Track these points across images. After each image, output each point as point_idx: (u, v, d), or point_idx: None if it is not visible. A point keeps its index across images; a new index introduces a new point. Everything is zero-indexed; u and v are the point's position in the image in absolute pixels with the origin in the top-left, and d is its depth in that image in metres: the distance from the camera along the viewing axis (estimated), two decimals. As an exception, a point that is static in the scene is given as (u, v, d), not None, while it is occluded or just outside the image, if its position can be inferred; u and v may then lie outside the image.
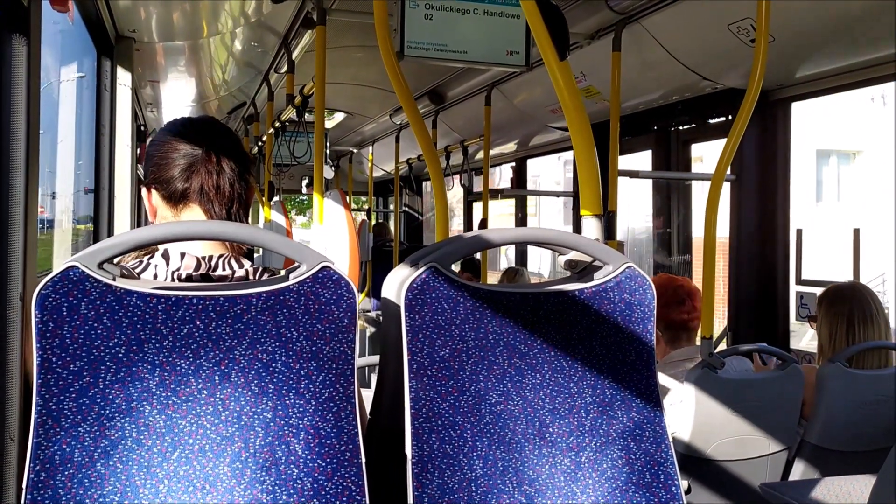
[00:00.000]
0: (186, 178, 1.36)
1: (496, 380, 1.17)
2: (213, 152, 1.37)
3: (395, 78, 2.06)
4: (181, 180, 1.36)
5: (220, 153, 1.38)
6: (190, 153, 1.37)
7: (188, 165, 1.36)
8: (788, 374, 2.38)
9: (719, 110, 3.46)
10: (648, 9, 2.83)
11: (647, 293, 1.24)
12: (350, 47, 3.96)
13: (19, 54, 1.09)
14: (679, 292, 2.68)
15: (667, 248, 4.00)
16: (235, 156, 1.40)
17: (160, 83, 4.53)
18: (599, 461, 1.20)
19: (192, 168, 1.36)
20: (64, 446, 1.00)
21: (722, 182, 2.52)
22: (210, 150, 1.37)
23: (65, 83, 3.51)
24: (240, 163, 1.41)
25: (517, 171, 5.89)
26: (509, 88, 4.17)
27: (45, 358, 0.99)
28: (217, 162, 1.37)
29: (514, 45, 2.46)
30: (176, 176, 1.36)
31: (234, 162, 1.39)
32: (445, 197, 2.17)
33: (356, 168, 7.87)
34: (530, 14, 1.37)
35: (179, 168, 1.36)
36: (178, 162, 1.36)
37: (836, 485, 2.11)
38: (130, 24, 3.15)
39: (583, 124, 1.40)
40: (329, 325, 1.08)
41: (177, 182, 1.36)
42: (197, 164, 1.36)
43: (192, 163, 1.36)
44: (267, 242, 1.11)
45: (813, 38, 2.64)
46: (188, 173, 1.36)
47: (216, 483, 1.04)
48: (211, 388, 1.05)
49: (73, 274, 1.00)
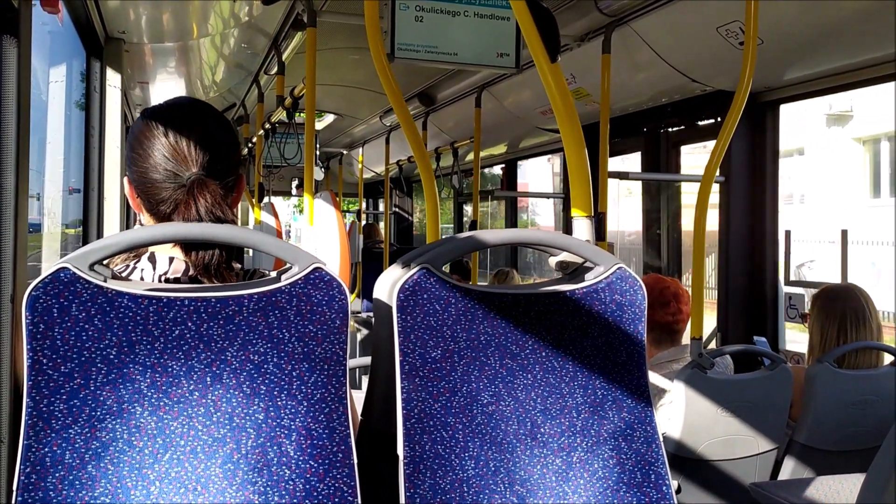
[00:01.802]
0: (172, 208, 1.26)
1: (488, 380, 1.17)
2: (194, 189, 1.24)
3: (386, 80, 2.07)
4: (166, 204, 1.27)
5: (206, 179, 1.26)
6: (173, 177, 1.25)
7: (172, 192, 1.26)
8: (777, 375, 2.40)
9: (708, 112, 3.48)
10: (638, 11, 2.85)
11: (638, 294, 1.25)
12: (340, 49, 3.96)
13: (10, 55, 1.09)
14: (665, 294, 2.69)
15: (656, 250, 4.02)
16: (224, 165, 1.30)
17: (150, 84, 4.51)
18: (591, 461, 1.21)
19: (174, 200, 1.26)
20: (55, 448, 0.99)
21: (711, 183, 2.53)
22: (194, 184, 1.25)
23: (53, 84, 3.49)
24: (228, 169, 1.30)
25: (507, 173, 5.91)
26: (499, 90, 4.18)
27: (36, 359, 0.99)
28: (196, 210, 1.24)
29: (504, 47, 2.47)
30: (161, 198, 1.27)
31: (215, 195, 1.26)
32: (436, 198, 2.18)
33: (346, 170, 7.87)
34: (521, 16, 1.38)
35: (165, 191, 1.26)
36: (163, 185, 1.26)
37: (825, 484, 2.12)
38: (120, 25, 3.14)
39: (573, 126, 1.40)
40: (321, 327, 1.08)
41: (160, 206, 1.27)
42: (182, 194, 1.25)
43: (174, 194, 1.26)
44: (259, 244, 1.10)
45: (801, 41, 2.66)
46: (172, 204, 1.26)
47: (208, 484, 1.03)
48: (203, 389, 1.05)
49: (63, 275, 1.00)
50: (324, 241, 3.06)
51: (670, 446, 2.31)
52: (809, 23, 2.52)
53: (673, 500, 1.23)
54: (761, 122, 3.29)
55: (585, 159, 1.42)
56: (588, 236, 1.40)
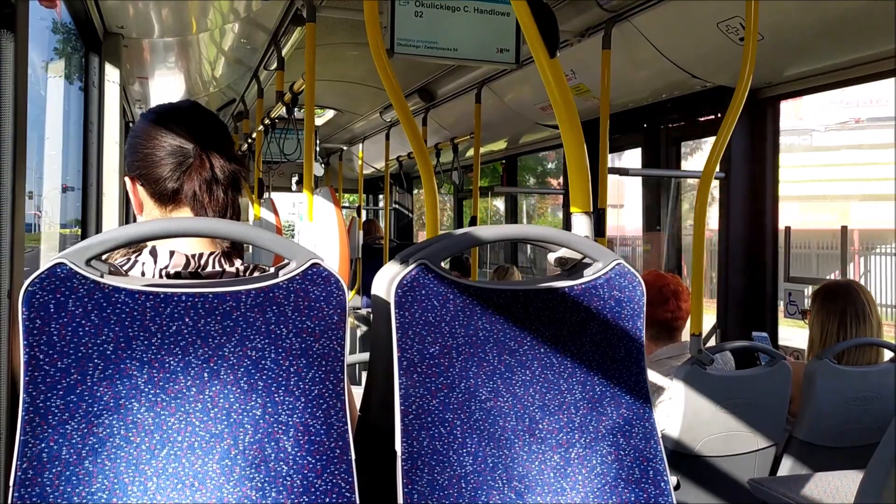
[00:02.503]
0: (177, 178, 1.30)
1: (486, 376, 1.17)
2: (203, 153, 1.31)
3: (386, 75, 2.06)
4: (172, 180, 1.30)
5: (211, 150, 1.32)
6: (178, 150, 1.30)
7: (177, 164, 1.30)
8: (777, 371, 2.39)
9: (708, 108, 3.48)
10: (638, 7, 2.84)
11: (637, 290, 1.24)
12: (340, 44, 3.95)
13: (6, 51, 1.08)
14: (664, 291, 2.69)
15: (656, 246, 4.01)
16: (225, 150, 1.35)
17: (149, 79, 4.50)
18: (589, 457, 1.20)
19: (182, 167, 1.30)
20: (51, 444, 0.99)
21: (711, 180, 2.53)
22: (201, 149, 1.31)
23: (52, 79, 3.49)
24: (230, 158, 1.35)
25: (507, 169, 5.90)
26: (499, 86, 4.17)
27: (33, 355, 0.99)
28: (210, 167, 1.31)
29: (504, 43, 2.46)
30: (165, 176, 1.30)
31: (225, 159, 1.33)
32: (436, 194, 2.17)
33: (346, 165, 7.86)
34: (521, 12, 1.37)
35: (169, 167, 1.30)
36: (167, 161, 1.30)
37: (824, 480, 2.12)
38: (118, 20, 3.13)
39: (573, 122, 1.40)
40: (319, 322, 1.08)
41: (167, 182, 1.30)
42: (188, 165, 1.30)
43: (182, 162, 1.30)
44: (257, 239, 1.10)
45: (802, 37, 2.65)
46: (179, 173, 1.30)
47: (205, 480, 1.03)
48: (200, 385, 1.05)
49: (60, 271, 1.00)
50: (323, 237, 3.06)
51: (669, 442, 2.31)
52: (810, 18, 2.51)
53: (671, 497, 1.23)
54: (762, 118, 3.29)
55: (585, 155, 1.42)
56: (587, 232, 1.40)
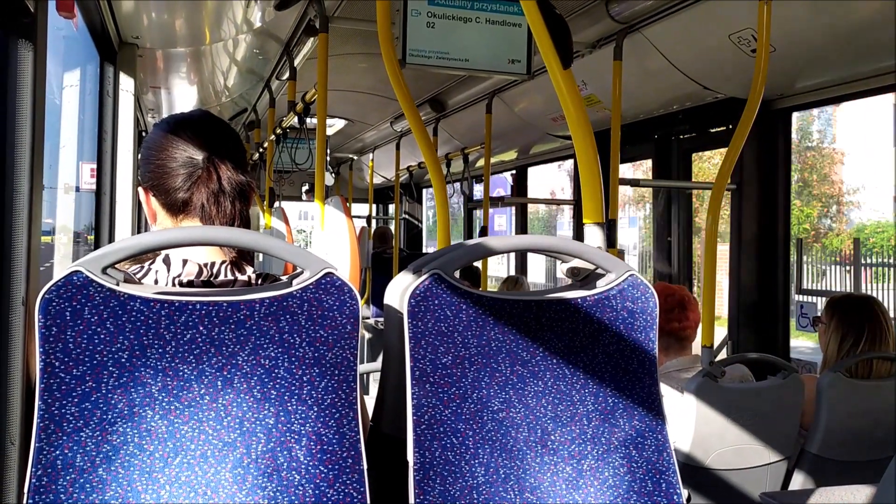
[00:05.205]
0: (188, 188, 1.32)
1: (498, 387, 1.17)
2: (212, 164, 1.33)
3: (398, 85, 2.07)
4: (182, 191, 1.32)
5: (220, 161, 1.34)
6: (188, 161, 1.32)
7: (187, 175, 1.32)
8: (789, 384, 2.38)
9: (720, 119, 3.48)
10: (650, 18, 2.84)
11: (650, 301, 1.24)
12: (352, 55, 3.97)
13: (25, 60, 1.09)
14: (670, 301, 2.67)
15: (667, 258, 4.00)
16: (235, 160, 1.36)
17: (162, 89, 4.54)
18: (601, 469, 1.20)
19: (191, 178, 1.32)
20: (66, 451, 0.99)
21: (723, 191, 2.53)
22: (210, 160, 1.33)
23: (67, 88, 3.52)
24: (241, 170, 1.36)
25: (517, 179, 5.90)
26: (510, 96, 4.18)
27: (48, 362, 0.99)
28: (217, 179, 1.33)
29: (515, 54, 2.47)
30: (177, 186, 1.32)
31: (234, 170, 1.35)
32: (447, 204, 2.18)
33: (356, 175, 7.88)
34: (534, 22, 1.38)
35: (180, 178, 1.32)
36: (178, 171, 1.32)
37: (836, 494, 2.10)
38: (133, 30, 3.16)
39: (586, 133, 1.40)
40: (332, 332, 1.08)
41: (178, 193, 1.33)
42: (197, 177, 1.32)
43: (192, 173, 1.32)
44: (270, 248, 1.11)
45: (813, 48, 2.65)
46: (189, 184, 1.32)
47: (218, 489, 1.03)
48: (213, 393, 1.05)
49: (76, 279, 1.00)
50: (334, 246, 3.07)
51: (679, 455, 2.29)
52: (822, 30, 2.51)
53: (684, 510, 1.23)
54: (773, 130, 3.28)
55: (597, 166, 1.42)
56: (600, 243, 1.40)
